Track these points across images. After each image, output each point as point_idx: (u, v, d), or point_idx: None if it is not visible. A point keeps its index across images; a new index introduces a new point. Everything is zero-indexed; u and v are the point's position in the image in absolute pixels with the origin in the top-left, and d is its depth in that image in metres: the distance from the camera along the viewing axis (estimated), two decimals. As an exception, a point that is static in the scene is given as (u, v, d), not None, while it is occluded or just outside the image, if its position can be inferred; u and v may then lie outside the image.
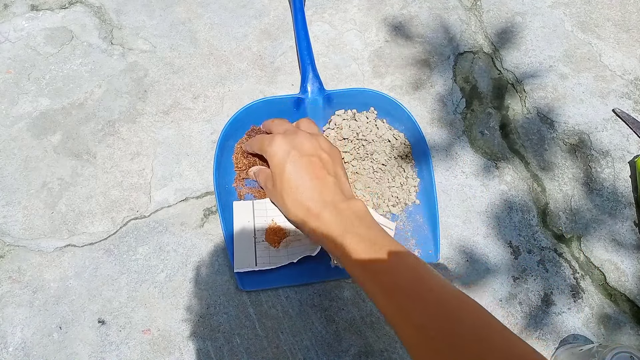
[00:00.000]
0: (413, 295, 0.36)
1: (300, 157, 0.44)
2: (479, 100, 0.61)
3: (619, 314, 0.49)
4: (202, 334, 0.46)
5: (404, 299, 0.36)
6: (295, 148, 0.45)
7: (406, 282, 0.37)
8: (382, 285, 0.37)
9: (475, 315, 0.35)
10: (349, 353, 0.46)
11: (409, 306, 0.36)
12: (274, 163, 0.45)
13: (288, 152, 0.44)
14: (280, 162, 0.44)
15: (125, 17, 0.65)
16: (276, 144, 0.45)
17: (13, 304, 0.47)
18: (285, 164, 0.44)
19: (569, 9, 0.68)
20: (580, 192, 0.55)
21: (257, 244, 0.49)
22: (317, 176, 0.44)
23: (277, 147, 0.45)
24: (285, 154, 0.44)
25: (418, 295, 0.36)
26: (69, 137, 0.56)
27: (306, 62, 0.58)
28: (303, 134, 0.46)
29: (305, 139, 0.45)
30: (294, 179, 0.44)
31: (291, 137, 0.45)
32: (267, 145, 0.46)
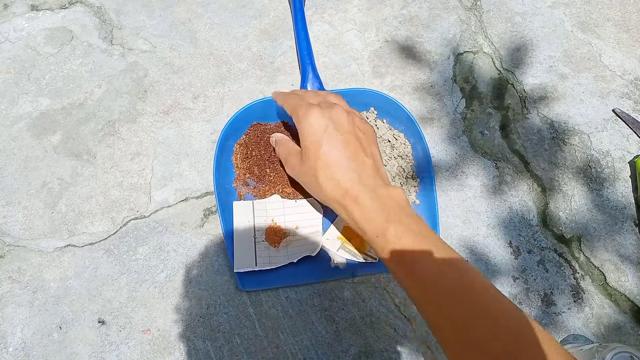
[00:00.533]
0: (457, 295, 0.35)
1: (338, 133, 0.41)
2: (479, 100, 0.61)
3: (619, 314, 0.49)
4: (202, 334, 0.46)
5: (446, 298, 0.35)
6: (332, 123, 0.41)
7: (451, 281, 0.35)
8: (423, 281, 0.36)
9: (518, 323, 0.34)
10: (349, 353, 0.46)
11: (450, 305, 0.34)
12: (308, 136, 0.41)
13: (325, 126, 0.41)
14: (316, 137, 0.41)
15: (125, 17, 0.65)
16: (312, 115, 0.41)
17: (13, 304, 0.47)
18: (322, 140, 0.40)
19: (569, 9, 0.68)
20: (580, 192, 0.55)
21: (257, 244, 0.49)
22: (355, 157, 0.41)
23: (313, 119, 0.41)
24: (322, 128, 0.41)
25: (462, 295, 0.35)
26: (69, 137, 0.56)
27: (306, 62, 0.58)
28: (340, 109, 0.42)
29: (342, 114, 0.42)
30: (332, 157, 0.40)
31: (328, 110, 0.42)
32: (302, 115, 0.42)
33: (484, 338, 0.33)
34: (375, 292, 0.49)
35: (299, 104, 0.43)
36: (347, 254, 0.49)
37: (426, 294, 0.36)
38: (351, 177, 0.40)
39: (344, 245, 0.50)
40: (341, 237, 0.50)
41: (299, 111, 0.43)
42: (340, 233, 0.50)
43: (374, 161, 0.42)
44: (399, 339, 0.47)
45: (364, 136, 0.42)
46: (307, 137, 0.42)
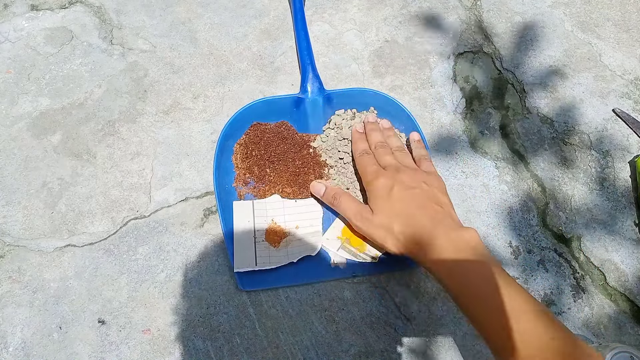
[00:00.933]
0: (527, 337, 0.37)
1: (404, 190, 0.45)
2: (479, 100, 0.61)
3: (619, 314, 0.49)
4: (202, 334, 0.46)
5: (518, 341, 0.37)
6: (397, 183, 0.46)
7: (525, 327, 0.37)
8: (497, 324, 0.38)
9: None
10: (349, 353, 0.46)
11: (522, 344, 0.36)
12: (377, 196, 0.46)
13: (391, 186, 0.46)
14: (384, 196, 0.46)
15: (125, 17, 0.65)
16: (379, 180, 0.47)
17: (13, 304, 0.47)
18: (391, 197, 0.45)
19: (569, 9, 0.68)
20: (580, 192, 0.55)
21: (257, 244, 0.49)
22: (423, 206, 0.44)
23: (380, 183, 0.46)
24: (388, 188, 0.46)
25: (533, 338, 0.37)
26: (69, 137, 0.56)
27: (306, 62, 0.58)
28: (404, 170, 0.47)
29: (406, 174, 0.47)
30: (401, 211, 0.45)
31: (393, 174, 0.47)
32: (371, 180, 0.47)
33: None
34: (375, 292, 0.49)
35: (369, 170, 0.48)
36: (347, 254, 0.49)
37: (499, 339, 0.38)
38: (422, 224, 0.43)
39: (344, 245, 0.50)
40: (341, 237, 0.50)
41: (368, 176, 0.48)
42: (341, 233, 0.50)
43: (442, 207, 0.45)
44: (399, 339, 0.47)
45: (429, 188, 0.46)
46: (376, 197, 0.46)
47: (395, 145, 0.52)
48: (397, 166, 0.48)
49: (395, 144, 0.52)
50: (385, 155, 0.50)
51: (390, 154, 0.50)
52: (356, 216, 0.47)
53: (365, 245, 0.50)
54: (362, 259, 0.49)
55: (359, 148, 0.51)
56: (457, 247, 0.41)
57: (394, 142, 0.52)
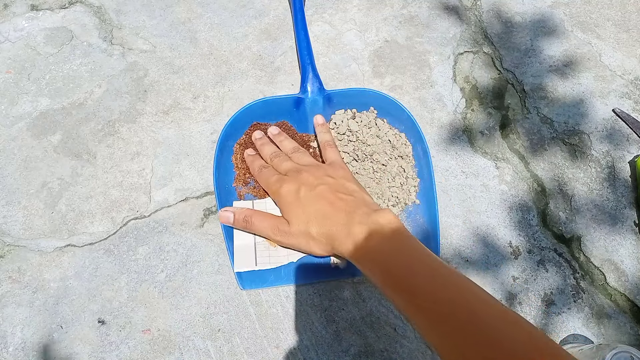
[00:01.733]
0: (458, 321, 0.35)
1: (310, 190, 0.45)
2: (479, 100, 0.61)
3: (619, 314, 0.49)
4: (202, 334, 0.46)
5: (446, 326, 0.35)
6: (302, 184, 0.46)
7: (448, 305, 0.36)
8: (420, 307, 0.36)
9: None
10: (349, 353, 0.46)
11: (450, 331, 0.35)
12: (287, 204, 0.46)
13: (297, 190, 0.45)
14: (293, 202, 0.45)
15: (125, 17, 0.65)
16: (284, 187, 0.46)
17: (13, 304, 0.47)
18: (300, 201, 0.45)
19: (569, 9, 0.68)
20: (580, 192, 0.55)
21: (257, 244, 0.49)
22: (332, 200, 0.44)
23: (285, 190, 0.46)
24: (295, 192, 0.45)
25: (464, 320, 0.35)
26: (69, 137, 0.56)
27: (306, 62, 0.58)
28: (306, 169, 0.47)
29: (308, 172, 0.46)
30: (314, 212, 0.44)
31: (295, 176, 0.47)
32: (277, 189, 0.47)
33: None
34: (375, 292, 0.49)
35: (269, 182, 0.48)
36: (347, 254, 0.49)
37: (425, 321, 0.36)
38: (338, 218, 0.43)
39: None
40: (341, 237, 0.50)
41: (272, 187, 0.48)
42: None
43: (354, 196, 0.44)
44: (399, 339, 0.47)
45: (334, 180, 0.46)
46: (285, 205, 0.46)
47: (289, 148, 0.52)
48: (297, 168, 0.48)
49: (289, 147, 0.52)
50: (282, 162, 0.49)
51: (287, 159, 0.50)
52: (274, 231, 0.46)
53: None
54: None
55: (255, 166, 0.51)
56: (373, 231, 0.40)
57: (286, 145, 0.52)
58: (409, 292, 0.37)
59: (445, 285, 0.37)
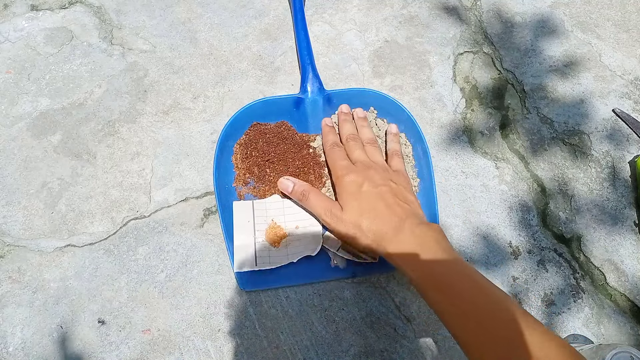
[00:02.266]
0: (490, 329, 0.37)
1: (373, 187, 0.46)
2: (479, 100, 0.61)
3: (619, 314, 0.49)
4: (202, 334, 0.46)
5: (481, 331, 0.37)
6: (367, 180, 0.47)
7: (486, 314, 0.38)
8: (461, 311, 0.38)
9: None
10: (349, 353, 0.46)
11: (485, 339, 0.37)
12: (347, 193, 0.47)
13: (361, 184, 0.47)
14: (354, 193, 0.46)
15: (125, 17, 0.65)
16: (349, 176, 0.47)
17: (13, 304, 0.47)
18: (361, 194, 0.46)
19: (569, 9, 0.68)
20: (580, 192, 0.55)
21: (257, 244, 0.49)
22: (390, 203, 0.45)
23: (351, 179, 0.47)
24: (358, 185, 0.47)
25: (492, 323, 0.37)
26: (69, 137, 0.56)
27: (306, 62, 0.58)
28: (374, 167, 0.48)
29: (375, 172, 0.48)
30: (370, 208, 0.45)
31: (363, 172, 0.48)
32: (341, 176, 0.48)
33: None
34: (375, 292, 0.49)
35: (338, 164, 0.49)
36: (347, 254, 0.49)
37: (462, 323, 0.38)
38: (389, 220, 0.44)
39: (344, 245, 0.50)
40: (341, 237, 0.50)
41: (338, 171, 0.49)
42: (340, 233, 0.50)
43: (410, 205, 0.46)
44: (399, 339, 0.47)
45: (396, 186, 0.47)
46: (345, 193, 0.47)
47: (366, 138, 0.52)
48: (367, 163, 0.49)
49: (367, 136, 0.52)
50: (356, 149, 0.50)
51: (361, 147, 0.51)
52: (326, 213, 0.47)
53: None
54: (362, 259, 0.49)
55: (329, 140, 0.52)
56: (421, 241, 0.42)
57: (365, 133, 0.53)
58: (443, 288, 0.40)
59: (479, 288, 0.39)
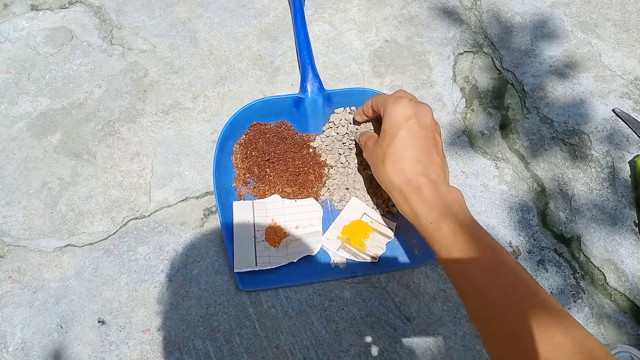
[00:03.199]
0: (508, 298, 0.35)
1: (418, 127, 0.43)
2: (479, 100, 0.61)
3: (619, 314, 0.49)
4: (202, 334, 0.46)
5: (499, 299, 0.35)
6: (416, 116, 0.43)
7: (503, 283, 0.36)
8: (474, 281, 0.36)
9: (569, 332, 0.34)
10: (349, 353, 0.46)
11: (502, 309, 0.35)
12: (391, 121, 0.43)
13: (409, 117, 0.43)
14: (398, 123, 0.43)
15: (125, 17, 0.65)
16: (401, 104, 0.43)
17: (13, 304, 0.47)
18: (401, 128, 0.42)
19: (569, 9, 0.68)
20: (580, 192, 0.55)
21: (257, 243, 0.49)
22: (428, 151, 0.42)
23: (400, 108, 0.43)
24: (405, 118, 0.43)
25: (514, 299, 0.35)
26: (69, 137, 0.56)
27: (306, 62, 0.58)
28: (428, 109, 0.44)
29: (428, 113, 0.44)
30: (405, 146, 0.42)
31: (416, 105, 0.44)
32: (392, 103, 0.44)
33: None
34: (375, 292, 0.49)
35: (391, 98, 0.45)
36: (347, 254, 0.49)
37: (476, 294, 0.37)
38: (417, 168, 0.41)
39: (344, 245, 0.50)
40: (341, 237, 0.50)
41: (389, 99, 0.44)
42: (341, 233, 0.50)
43: (442, 161, 0.43)
44: (399, 339, 0.47)
45: (440, 140, 0.44)
46: (389, 122, 0.43)
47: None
48: (420, 103, 0.45)
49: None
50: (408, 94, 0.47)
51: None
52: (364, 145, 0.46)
53: (365, 245, 0.50)
54: (362, 259, 0.49)
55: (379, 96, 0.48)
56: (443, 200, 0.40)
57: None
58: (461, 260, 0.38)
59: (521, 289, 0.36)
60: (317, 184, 0.52)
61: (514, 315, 0.35)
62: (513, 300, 0.35)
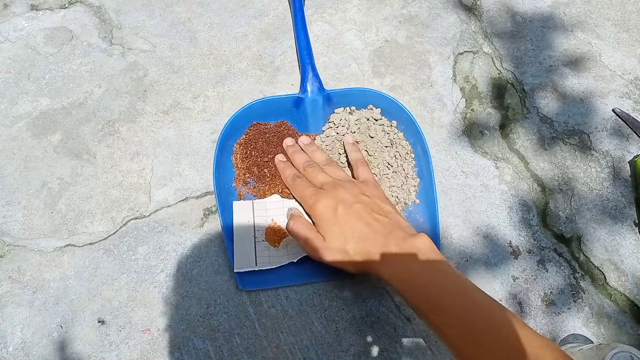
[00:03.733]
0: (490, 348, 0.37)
1: (347, 207, 0.44)
2: (479, 100, 0.61)
3: (619, 314, 0.49)
4: (202, 334, 0.46)
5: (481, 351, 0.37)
6: (339, 201, 0.45)
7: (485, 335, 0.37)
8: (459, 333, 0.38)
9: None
10: (349, 353, 0.46)
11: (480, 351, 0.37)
12: (324, 220, 0.45)
13: (335, 207, 0.45)
14: (330, 219, 0.45)
15: (125, 16, 0.65)
16: (322, 202, 0.45)
17: (13, 303, 0.47)
18: (337, 219, 0.44)
19: (569, 9, 0.68)
20: (580, 192, 0.55)
21: (257, 243, 0.49)
22: (369, 221, 0.44)
23: (322, 206, 0.45)
24: (333, 210, 0.45)
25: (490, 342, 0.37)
26: (68, 137, 0.56)
27: (306, 62, 0.58)
28: (342, 185, 0.46)
29: (344, 189, 0.46)
30: (351, 230, 0.44)
31: (332, 193, 0.46)
32: (312, 204, 0.46)
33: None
34: (375, 292, 0.49)
35: (306, 194, 0.47)
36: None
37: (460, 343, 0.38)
38: (375, 238, 0.43)
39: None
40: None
41: (308, 201, 0.47)
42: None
43: (389, 217, 0.44)
44: (399, 339, 0.47)
45: (370, 199, 0.46)
46: (323, 220, 0.45)
47: (322, 160, 0.51)
48: (333, 182, 0.47)
49: (321, 158, 0.51)
50: (317, 174, 0.49)
51: (321, 171, 0.49)
52: (307, 245, 0.46)
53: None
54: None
55: (288, 175, 0.50)
56: (409, 259, 0.41)
57: (318, 157, 0.52)
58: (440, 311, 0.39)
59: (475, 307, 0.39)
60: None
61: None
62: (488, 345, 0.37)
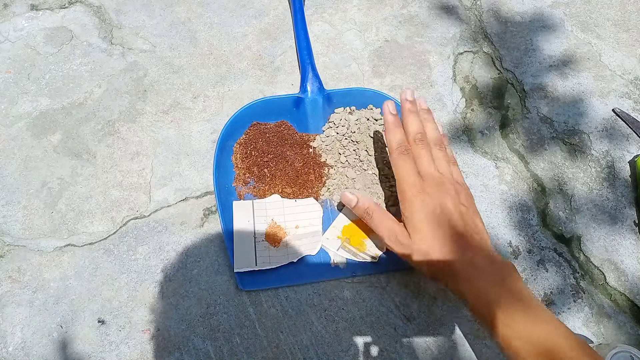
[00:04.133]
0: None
1: (445, 215, 0.43)
2: (479, 100, 0.61)
3: (619, 314, 0.49)
4: (202, 334, 0.46)
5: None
6: (440, 206, 0.43)
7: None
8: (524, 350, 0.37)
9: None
10: (349, 353, 0.46)
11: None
12: (418, 218, 0.43)
13: (433, 210, 0.43)
14: (424, 219, 0.43)
15: (125, 16, 0.65)
16: (422, 199, 0.44)
17: (13, 303, 0.47)
18: (431, 220, 0.43)
19: (569, 9, 0.68)
20: (580, 192, 0.55)
21: (257, 243, 0.49)
22: (462, 234, 0.42)
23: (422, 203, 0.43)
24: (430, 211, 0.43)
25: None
26: (68, 137, 0.56)
27: (306, 61, 0.58)
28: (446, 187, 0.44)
29: (448, 194, 0.44)
30: (441, 237, 0.42)
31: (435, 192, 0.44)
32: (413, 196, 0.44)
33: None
34: (375, 292, 0.49)
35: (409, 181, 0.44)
36: (347, 253, 0.49)
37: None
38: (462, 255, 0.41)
39: (344, 245, 0.50)
40: (341, 236, 0.50)
41: (407, 190, 0.44)
42: (341, 233, 0.50)
43: (480, 236, 0.43)
44: (399, 339, 0.47)
45: (466, 210, 0.44)
46: (415, 217, 0.43)
47: (434, 138, 0.47)
48: (438, 180, 0.45)
49: (434, 136, 0.48)
50: (424, 158, 0.46)
51: (430, 155, 0.46)
52: (390, 238, 0.45)
53: (365, 244, 0.50)
54: (362, 259, 0.49)
55: (395, 140, 0.46)
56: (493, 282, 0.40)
57: (431, 132, 0.48)
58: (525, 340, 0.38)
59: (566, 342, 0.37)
60: (317, 184, 0.52)
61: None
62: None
